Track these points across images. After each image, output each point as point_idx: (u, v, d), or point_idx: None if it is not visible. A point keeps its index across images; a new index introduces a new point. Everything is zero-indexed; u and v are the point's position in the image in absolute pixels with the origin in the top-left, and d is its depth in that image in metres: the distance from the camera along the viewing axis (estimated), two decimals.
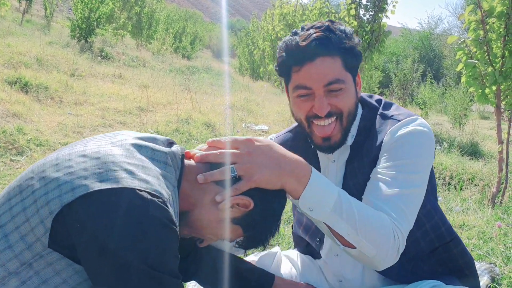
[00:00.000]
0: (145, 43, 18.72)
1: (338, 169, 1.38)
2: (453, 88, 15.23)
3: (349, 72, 1.26)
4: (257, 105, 8.95)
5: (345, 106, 1.26)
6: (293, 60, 1.25)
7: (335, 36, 1.22)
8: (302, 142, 1.43)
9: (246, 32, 24.14)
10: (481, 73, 3.64)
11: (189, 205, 1.06)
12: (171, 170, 1.00)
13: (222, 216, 1.05)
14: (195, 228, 1.09)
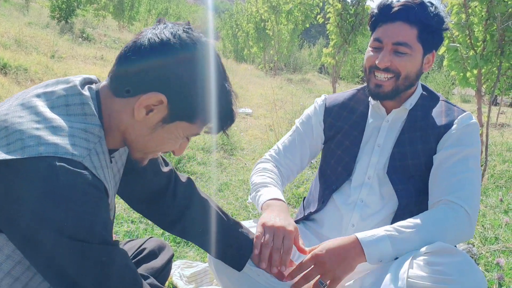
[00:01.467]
0: (127, 25, 18.43)
1: (389, 129, 1.53)
2: (436, 71, 15.37)
3: (421, 45, 1.42)
4: (240, 88, 8.92)
5: (404, 69, 1.42)
6: (380, 17, 1.45)
7: (422, 11, 1.39)
8: (354, 102, 1.64)
9: (230, 14, 23.90)
10: (463, 57, 3.67)
11: (122, 133, 1.00)
12: (92, 119, 0.93)
13: (151, 124, 0.97)
14: (141, 149, 1.03)
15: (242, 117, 6.55)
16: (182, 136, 1.02)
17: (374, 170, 1.51)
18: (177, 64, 0.94)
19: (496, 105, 11.07)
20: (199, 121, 1.00)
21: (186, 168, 3.80)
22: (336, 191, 1.57)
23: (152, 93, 0.93)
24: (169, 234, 2.61)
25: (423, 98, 1.53)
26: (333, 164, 1.62)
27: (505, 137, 6.06)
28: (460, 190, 1.32)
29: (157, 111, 0.95)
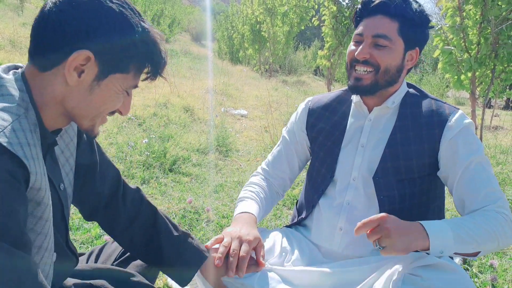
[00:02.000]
0: None
1: (372, 128, 1.51)
2: (430, 74, 15.44)
3: (402, 39, 1.41)
4: (236, 90, 8.92)
5: (383, 62, 1.40)
6: (362, 12, 1.46)
7: (402, 6, 1.39)
8: (336, 103, 1.63)
9: (225, 16, 23.87)
10: (457, 60, 3.69)
11: (62, 106, 0.97)
12: (9, 99, 0.88)
13: (86, 85, 0.95)
14: (86, 115, 1.00)
15: (237, 118, 6.55)
16: (121, 90, 0.99)
17: (358, 171, 1.49)
18: (89, 15, 0.91)
19: (490, 107, 11.13)
20: (132, 69, 0.98)
21: (181, 170, 3.80)
22: (323, 195, 1.56)
23: (75, 52, 0.90)
24: None
25: (411, 95, 1.51)
26: (317, 166, 1.61)
27: (499, 140, 6.09)
28: (501, 198, 1.33)
29: (88, 70, 0.93)
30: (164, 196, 3.22)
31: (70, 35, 0.90)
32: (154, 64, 1.01)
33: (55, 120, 0.99)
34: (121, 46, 0.94)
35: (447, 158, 1.39)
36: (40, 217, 0.91)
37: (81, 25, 0.90)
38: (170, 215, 2.89)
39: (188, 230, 2.72)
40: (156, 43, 0.99)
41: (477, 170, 1.36)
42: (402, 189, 1.43)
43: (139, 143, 4.12)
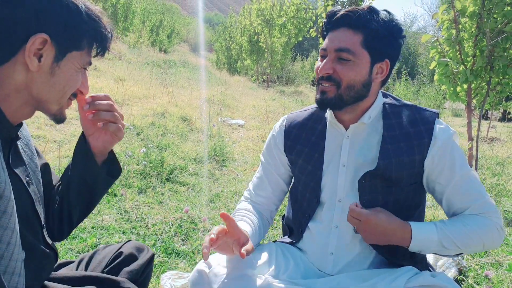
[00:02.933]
0: (121, 36, 18.45)
1: (351, 146, 1.46)
2: (427, 85, 15.53)
3: (367, 52, 1.34)
4: (233, 100, 8.95)
5: (346, 77, 1.34)
6: (327, 26, 1.41)
7: (367, 17, 1.33)
8: (312, 122, 1.56)
9: (223, 27, 24.01)
10: (453, 72, 3.72)
11: (26, 94, 0.99)
12: None
13: (47, 68, 0.98)
14: (52, 99, 1.03)
15: (234, 128, 6.57)
16: (79, 67, 1.04)
17: (343, 191, 1.44)
18: (35, 0, 0.94)
19: (486, 119, 11.18)
20: (85, 45, 1.03)
21: (178, 179, 3.80)
22: (311, 219, 1.52)
23: (32, 37, 0.93)
24: (157, 240, 2.60)
25: (390, 105, 1.46)
26: (301, 190, 1.56)
27: (495, 151, 6.12)
28: (491, 206, 1.36)
29: (46, 53, 0.96)
30: (161, 206, 3.22)
31: (22, 22, 0.93)
32: (102, 37, 1.06)
33: (19, 112, 1.01)
34: (72, 25, 0.98)
35: (434, 168, 1.39)
36: (4, 211, 0.91)
37: (30, 10, 0.93)
38: (167, 224, 2.89)
39: (185, 239, 2.72)
40: (100, 18, 1.05)
41: (467, 182, 1.37)
42: (387, 194, 1.41)
43: (136, 153, 4.12)
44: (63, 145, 4.30)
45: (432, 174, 1.40)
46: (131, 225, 2.83)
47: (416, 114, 1.43)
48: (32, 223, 1.10)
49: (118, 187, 3.41)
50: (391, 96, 1.51)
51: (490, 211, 1.35)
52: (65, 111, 1.09)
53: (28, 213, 1.08)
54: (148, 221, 2.91)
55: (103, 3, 17.03)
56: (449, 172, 1.37)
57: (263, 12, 15.15)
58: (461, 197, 1.37)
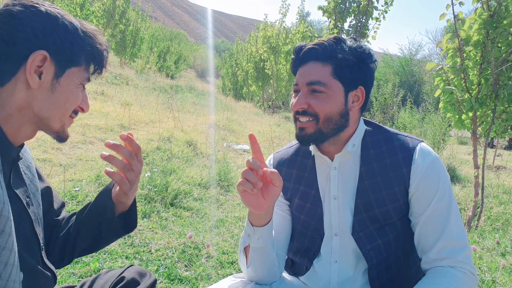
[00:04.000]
0: (129, 61, 18.72)
1: (339, 177, 1.42)
2: (432, 113, 15.54)
3: (339, 81, 1.32)
4: (239, 125, 8.99)
5: (322, 110, 1.32)
6: (296, 61, 1.40)
7: (333, 47, 1.33)
8: (300, 157, 1.52)
9: (230, 54, 24.35)
10: (458, 99, 3.73)
11: (28, 113, 1.01)
12: None
13: (47, 85, 1.01)
14: (54, 116, 1.05)
15: (239, 153, 6.57)
16: (78, 83, 1.06)
17: (338, 225, 1.41)
18: (33, 19, 0.97)
19: (492, 147, 11.13)
20: (83, 61, 1.05)
21: (182, 204, 3.79)
22: (316, 256, 1.47)
23: (32, 54, 0.96)
24: (160, 266, 2.57)
25: (370, 134, 1.43)
26: (300, 229, 1.50)
27: (501, 179, 6.07)
28: (460, 251, 1.28)
29: (46, 70, 0.99)
30: (165, 231, 3.20)
31: (21, 41, 0.96)
32: (99, 52, 1.09)
33: (21, 132, 1.03)
34: (69, 42, 1.02)
35: (416, 197, 1.34)
36: (1, 231, 0.90)
37: (28, 30, 0.96)
38: (170, 250, 2.87)
39: (188, 265, 2.69)
40: (95, 35, 1.08)
41: (441, 216, 1.30)
42: (385, 236, 1.37)
43: (141, 177, 4.13)
44: (69, 168, 4.31)
45: (411, 203, 1.36)
46: (135, 250, 2.81)
47: (395, 142, 1.40)
48: (31, 244, 1.10)
49: None
50: (373, 123, 1.48)
51: (461, 260, 1.27)
52: (67, 129, 1.11)
53: (27, 234, 1.08)
54: (151, 246, 2.89)
55: (112, 30, 17.36)
56: (425, 201, 1.32)
57: (269, 40, 15.36)
58: (432, 231, 1.31)
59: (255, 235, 1.29)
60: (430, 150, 1.36)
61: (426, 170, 1.32)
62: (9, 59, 0.96)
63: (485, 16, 3.44)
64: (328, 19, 6.61)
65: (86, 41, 1.05)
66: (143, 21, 20.86)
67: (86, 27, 1.07)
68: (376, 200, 1.35)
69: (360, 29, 6.64)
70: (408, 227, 1.39)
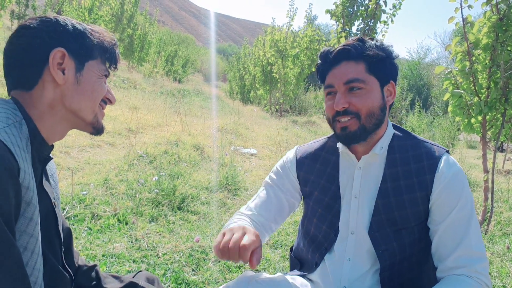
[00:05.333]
0: (137, 65, 18.81)
1: (363, 177, 1.44)
2: (441, 117, 15.46)
3: (373, 76, 1.36)
4: (246, 129, 8.98)
5: (364, 107, 1.34)
6: (324, 66, 1.42)
7: (361, 45, 1.37)
8: (325, 152, 1.56)
9: (237, 57, 24.37)
10: (467, 103, 3.71)
11: (61, 109, 1.09)
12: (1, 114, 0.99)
13: (72, 79, 1.09)
14: (84, 107, 1.13)
15: (246, 157, 6.57)
16: (99, 75, 1.15)
17: (355, 224, 1.42)
18: (45, 25, 1.07)
19: (502, 151, 11.05)
20: (97, 54, 1.14)
21: (189, 208, 3.79)
22: (328, 251, 1.49)
23: (51, 52, 1.05)
24: (162, 270, 2.57)
25: (398, 138, 1.45)
26: (316, 223, 1.52)
27: (511, 184, 6.01)
28: (478, 261, 1.27)
29: (67, 66, 1.08)
30: (172, 234, 3.19)
31: (38, 46, 1.05)
32: (109, 45, 1.18)
33: (54, 129, 1.11)
34: (81, 38, 1.11)
35: (437, 205, 1.35)
36: (30, 219, 0.96)
37: (43, 35, 1.06)
38: (178, 254, 2.87)
39: (195, 269, 2.68)
40: (102, 31, 1.18)
41: (458, 226, 1.31)
42: (401, 239, 1.38)
43: (149, 181, 4.13)
44: (77, 172, 4.33)
45: (431, 210, 1.36)
46: (142, 254, 2.81)
47: (422, 149, 1.41)
48: (54, 243, 1.14)
49: (129, 215, 3.40)
50: (401, 128, 1.50)
51: (478, 270, 1.27)
52: (101, 120, 1.19)
53: (52, 233, 1.13)
54: (158, 250, 2.88)
55: (120, 34, 17.47)
56: (446, 210, 1.33)
57: (277, 44, 15.36)
58: (450, 240, 1.31)
59: None
60: (455, 161, 1.39)
61: (450, 179, 1.33)
62: (32, 64, 1.05)
63: (495, 19, 3.42)
64: (336, 22, 6.60)
65: (95, 35, 1.14)
66: (151, 25, 20.95)
67: (93, 26, 1.17)
68: (397, 203, 1.37)
69: (368, 32, 6.62)
70: (424, 234, 1.39)
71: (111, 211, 3.40)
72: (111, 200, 3.63)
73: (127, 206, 3.55)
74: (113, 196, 3.76)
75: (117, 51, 1.21)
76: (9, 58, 1.08)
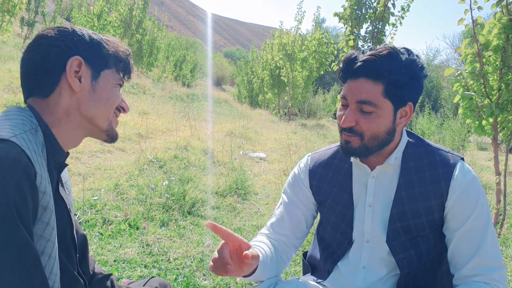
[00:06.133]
0: (146, 71, 18.92)
1: (376, 185, 1.43)
2: (451, 119, 15.35)
3: (389, 100, 1.30)
4: (255, 133, 8.99)
5: (369, 130, 1.31)
6: (345, 73, 1.35)
7: (387, 64, 1.27)
8: (337, 160, 1.53)
9: (245, 61, 24.42)
10: (478, 105, 3.68)
11: (76, 116, 1.12)
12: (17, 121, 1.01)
13: (88, 86, 1.11)
14: (100, 115, 1.15)
15: (256, 161, 6.57)
16: (114, 83, 1.17)
17: (370, 232, 1.42)
18: (61, 35, 1.10)
19: None
20: (112, 64, 1.16)
21: (200, 212, 3.79)
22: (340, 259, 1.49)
23: (69, 60, 1.08)
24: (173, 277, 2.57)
25: (412, 145, 1.42)
26: (330, 231, 1.52)
27: None
28: (495, 270, 1.27)
29: (84, 74, 1.10)
30: (183, 239, 3.20)
31: (56, 54, 1.08)
32: (123, 55, 1.19)
33: (69, 136, 1.13)
34: (97, 47, 1.14)
35: (452, 213, 1.34)
36: (47, 223, 0.98)
37: (60, 43, 1.09)
38: (189, 258, 2.87)
39: (206, 274, 2.69)
40: (116, 41, 1.21)
41: (474, 234, 1.30)
42: (418, 246, 1.37)
43: (159, 185, 4.15)
44: (87, 177, 4.36)
45: (447, 218, 1.36)
46: (153, 259, 2.82)
47: (436, 156, 1.39)
48: (69, 248, 1.16)
49: (140, 220, 3.42)
50: (415, 135, 1.48)
51: (495, 278, 1.26)
52: (115, 128, 1.21)
53: (67, 238, 1.15)
54: (170, 255, 2.89)
55: (128, 39, 17.58)
56: (461, 217, 1.32)
57: (285, 47, 15.38)
58: (466, 248, 1.30)
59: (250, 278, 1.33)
60: (470, 169, 1.37)
61: (466, 187, 1.32)
62: (49, 71, 1.07)
63: (505, 20, 3.39)
64: (344, 25, 6.59)
65: (110, 45, 1.17)
66: (159, 31, 21.08)
67: (108, 37, 1.19)
68: (412, 211, 1.36)
69: (376, 35, 6.61)
70: (439, 240, 1.39)
71: (122, 216, 3.42)
72: (122, 205, 3.64)
73: (138, 211, 3.56)
74: (124, 201, 3.78)
75: (131, 61, 1.23)
76: (27, 66, 1.10)
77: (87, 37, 1.13)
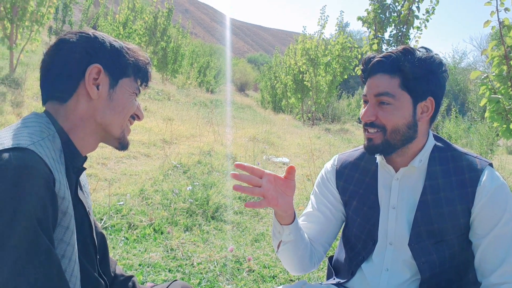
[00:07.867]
0: (170, 77, 19.15)
1: (400, 188, 1.43)
2: (479, 122, 15.04)
3: (407, 92, 1.32)
4: (278, 138, 8.99)
5: (389, 122, 1.33)
6: (364, 74, 1.42)
7: (401, 59, 1.32)
8: (364, 162, 1.54)
9: (268, 67, 24.46)
10: (505, 108, 3.60)
11: (92, 122, 1.13)
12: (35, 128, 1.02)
13: (105, 94, 1.12)
14: (114, 122, 1.16)
15: (279, 166, 6.57)
16: (131, 92, 1.18)
17: (394, 234, 1.42)
18: (81, 41, 1.11)
19: None
20: (131, 72, 1.17)
21: (223, 217, 3.81)
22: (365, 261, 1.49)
23: (88, 68, 1.09)
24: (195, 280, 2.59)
25: (439, 149, 1.42)
26: (355, 232, 1.52)
27: None
28: None
29: (102, 82, 1.11)
30: (206, 244, 3.23)
31: (76, 60, 1.09)
32: (142, 64, 1.20)
33: (86, 142, 1.14)
34: (117, 55, 1.15)
35: (479, 219, 1.32)
36: (67, 227, 1.00)
37: (81, 50, 1.10)
38: (212, 263, 2.89)
39: (230, 279, 2.70)
40: (137, 50, 1.21)
41: (502, 242, 1.28)
42: (441, 251, 1.36)
43: (183, 190, 4.19)
44: (113, 183, 4.44)
45: (473, 224, 1.34)
46: (177, 263, 2.85)
47: (463, 161, 1.38)
48: (89, 251, 1.18)
49: (165, 224, 3.46)
50: (442, 139, 1.47)
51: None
52: (127, 136, 1.23)
53: (87, 241, 1.17)
54: (193, 260, 2.92)
55: (153, 47, 17.84)
56: (489, 224, 1.30)
57: (308, 52, 15.35)
58: (494, 255, 1.28)
59: (284, 231, 1.37)
60: (498, 175, 1.35)
61: (493, 193, 1.31)
62: (69, 77, 1.09)
63: None
64: (368, 29, 6.56)
65: (130, 54, 1.17)
66: (184, 38, 21.33)
67: (129, 45, 1.20)
68: (436, 215, 1.35)
69: (401, 38, 6.55)
70: (464, 246, 1.37)
71: (147, 221, 3.47)
72: (147, 210, 3.70)
73: (163, 216, 3.61)
74: (148, 206, 3.84)
75: (149, 70, 1.24)
76: (47, 69, 1.11)
77: (108, 45, 1.14)
